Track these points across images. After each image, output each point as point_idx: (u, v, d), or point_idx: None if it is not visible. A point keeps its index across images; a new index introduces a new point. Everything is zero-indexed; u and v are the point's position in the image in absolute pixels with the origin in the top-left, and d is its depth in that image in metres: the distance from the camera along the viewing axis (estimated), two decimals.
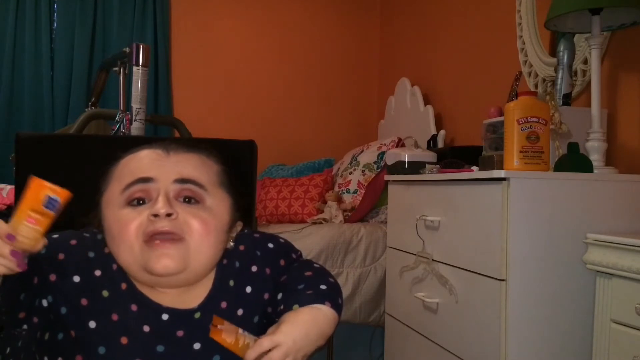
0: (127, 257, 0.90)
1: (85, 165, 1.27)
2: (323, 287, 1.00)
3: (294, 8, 3.85)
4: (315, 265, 1.09)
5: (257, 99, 3.78)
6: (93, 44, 3.47)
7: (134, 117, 2.07)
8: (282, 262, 1.06)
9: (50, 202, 0.79)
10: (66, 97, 3.39)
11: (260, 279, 1.02)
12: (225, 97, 3.73)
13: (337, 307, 1.01)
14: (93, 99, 2.77)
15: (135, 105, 2.08)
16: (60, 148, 1.35)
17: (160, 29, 3.54)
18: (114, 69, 2.32)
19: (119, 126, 2.12)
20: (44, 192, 0.79)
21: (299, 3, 3.86)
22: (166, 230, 0.89)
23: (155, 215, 0.88)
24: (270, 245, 1.07)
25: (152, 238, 0.88)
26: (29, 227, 0.79)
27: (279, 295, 1.00)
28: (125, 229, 0.89)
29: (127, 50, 2.14)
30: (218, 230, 0.94)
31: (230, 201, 0.98)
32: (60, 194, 0.80)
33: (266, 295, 1.02)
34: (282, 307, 0.97)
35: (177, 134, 2.54)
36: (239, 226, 1.02)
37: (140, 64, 2.09)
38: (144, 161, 0.95)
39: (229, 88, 3.74)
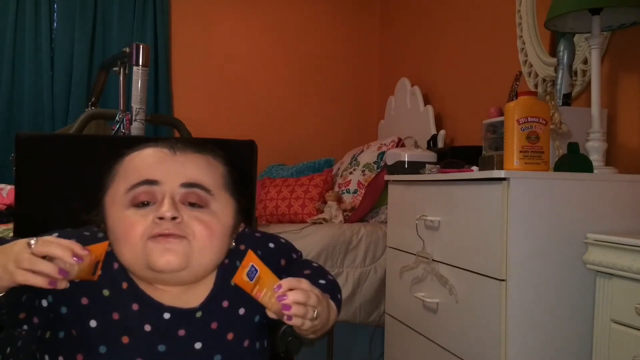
0: (130, 256, 0.90)
1: (85, 165, 1.28)
2: (322, 281, 1.01)
3: (294, 8, 3.85)
4: (313, 264, 1.10)
5: (257, 99, 3.78)
6: (93, 44, 3.47)
7: (134, 117, 2.07)
8: (282, 262, 1.07)
9: (95, 266, 0.88)
10: (66, 97, 3.40)
11: None
12: (225, 97, 3.73)
13: (337, 301, 1.02)
14: (93, 99, 2.77)
15: (135, 105, 2.08)
16: (60, 148, 1.35)
17: (160, 29, 3.54)
18: (114, 69, 2.32)
19: (119, 126, 2.12)
20: (101, 256, 0.88)
21: (299, 3, 3.86)
22: (170, 232, 0.89)
23: (161, 218, 0.88)
24: (271, 245, 1.07)
25: (155, 236, 0.89)
26: (88, 260, 0.85)
27: None
28: (131, 231, 0.89)
29: (127, 50, 2.14)
30: (222, 234, 0.94)
31: (234, 204, 0.98)
32: (99, 267, 0.89)
33: None
34: None
35: (177, 134, 2.54)
36: (240, 228, 1.02)
37: (140, 64, 2.09)
38: (150, 160, 0.95)
39: (229, 88, 3.74)
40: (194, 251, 0.90)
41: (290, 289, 0.86)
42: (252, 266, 0.86)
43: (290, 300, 0.85)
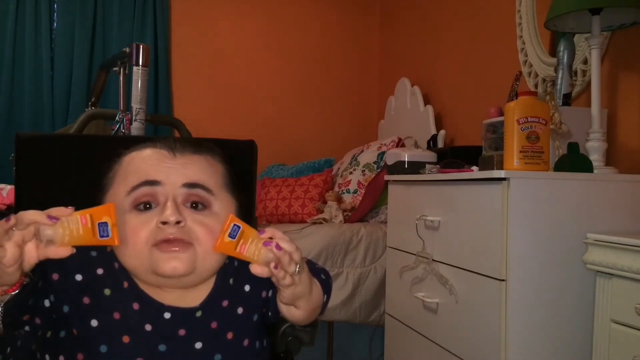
0: (133, 260, 0.90)
1: (85, 165, 1.27)
2: (314, 266, 1.03)
3: (294, 8, 3.85)
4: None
5: (257, 99, 3.78)
6: (93, 44, 3.47)
7: (134, 117, 2.07)
8: None
9: (102, 227, 0.82)
10: (66, 97, 3.39)
11: (258, 277, 1.02)
12: (225, 97, 3.73)
13: (321, 281, 1.03)
14: (93, 99, 2.76)
15: (135, 105, 2.08)
16: (60, 148, 1.35)
17: (160, 29, 3.54)
18: (114, 69, 2.32)
19: (119, 126, 2.12)
20: (106, 216, 0.82)
21: (299, 3, 3.86)
22: (174, 238, 0.89)
23: (164, 223, 0.88)
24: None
25: (160, 242, 0.89)
26: (76, 220, 0.80)
27: (270, 292, 1.01)
28: (134, 235, 0.89)
29: (127, 50, 2.14)
30: None
31: (235, 204, 0.98)
32: (113, 230, 0.83)
33: (264, 294, 1.02)
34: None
35: (177, 134, 2.54)
36: None
37: (140, 64, 2.08)
38: (149, 162, 0.94)
39: (229, 88, 3.74)
40: (198, 256, 0.90)
41: (272, 237, 0.87)
42: (234, 225, 0.85)
43: (277, 243, 0.86)
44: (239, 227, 0.85)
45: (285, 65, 3.84)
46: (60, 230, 0.79)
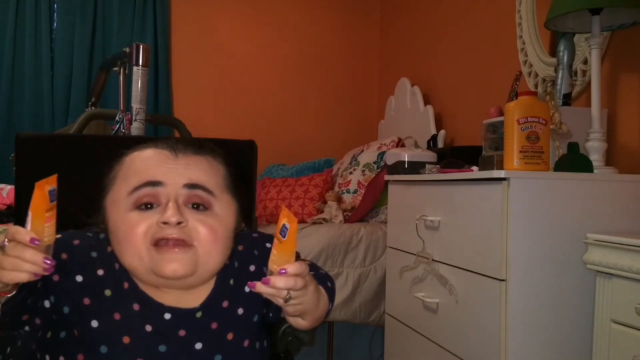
0: (133, 260, 0.90)
1: (85, 165, 1.27)
2: (312, 272, 1.02)
3: (294, 8, 3.85)
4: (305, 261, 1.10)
5: (257, 99, 3.78)
6: (93, 44, 3.47)
7: (134, 117, 2.07)
8: None
9: (52, 195, 0.80)
10: (66, 97, 3.39)
11: (258, 278, 1.02)
12: (225, 97, 3.73)
13: (327, 289, 1.02)
14: (93, 99, 2.77)
15: (135, 105, 2.08)
16: (60, 148, 1.35)
17: (160, 29, 3.54)
18: (114, 69, 2.32)
19: (119, 126, 2.12)
20: (45, 189, 0.80)
21: (299, 3, 3.86)
22: (175, 238, 0.88)
23: (165, 223, 0.88)
24: (268, 245, 1.07)
25: (160, 242, 0.88)
26: (49, 226, 0.80)
27: None
28: (133, 233, 0.89)
29: (127, 50, 2.14)
30: (225, 237, 0.94)
31: (236, 206, 0.98)
32: (53, 182, 0.81)
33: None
34: None
35: (177, 134, 2.54)
36: (241, 228, 1.02)
37: (140, 64, 2.08)
38: (151, 162, 0.94)
39: (229, 88, 3.74)
40: (199, 257, 0.90)
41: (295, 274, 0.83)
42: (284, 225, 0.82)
43: (278, 284, 0.82)
44: (287, 227, 0.82)
45: (285, 65, 3.84)
46: (45, 240, 0.79)
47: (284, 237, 0.82)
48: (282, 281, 0.81)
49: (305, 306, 0.91)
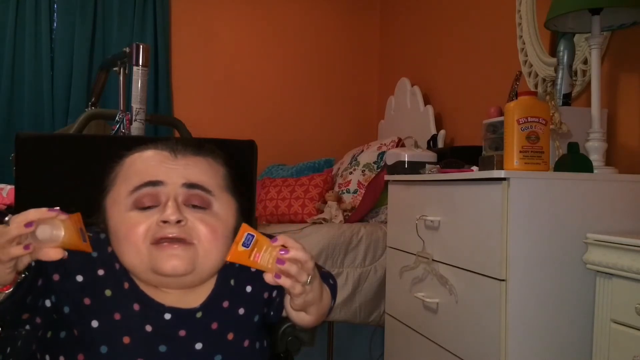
0: (133, 259, 0.90)
1: (85, 166, 1.27)
2: (321, 270, 1.03)
3: (294, 8, 3.85)
4: None
5: (257, 99, 3.78)
6: (93, 44, 3.46)
7: (134, 117, 2.07)
8: None
9: (82, 233, 0.83)
10: (66, 97, 3.39)
11: (259, 278, 1.02)
12: (225, 97, 3.73)
13: (330, 286, 1.03)
14: (93, 99, 2.76)
15: (135, 105, 2.08)
16: (60, 148, 1.35)
17: (160, 29, 3.54)
18: (114, 69, 2.32)
19: (119, 126, 2.12)
20: (81, 223, 0.83)
21: (299, 3, 3.86)
22: (175, 237, 0.89)
23: (165, 222, 0.88)
24: None
25: (160, 240, 0.89)
26: (73, 224, 0.81)
27: (274, 293, 1.01)
28: (133, 232, 0.89)
29: (127, 50, 2.14)
30: (224, 235, 0.94)
31: (235, 205, 0.99)
32: (87, 235, 0.84)
33: (265, 295, 1.02)
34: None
35: (177, 134, 2.54)
36: None
37: (140, 64, 2.08)
38: (151, 162, 0.95)
39: (229, 88, 3.74)
40: (199, 255, 0.90)
41: (286, 246, 0.86)
42: (248, 234, 0.85)
43: (291, 255, 0.84)
44: (252, 235, 0.85)
45: (285, 65, 3.84)
46: (62, 233, 0.79)
47: (247, 247, 0.85)
48: (298, 253, 0.85)
49: (311, 296, 0.91)
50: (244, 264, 0.86)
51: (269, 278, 0.86)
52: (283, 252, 0.85)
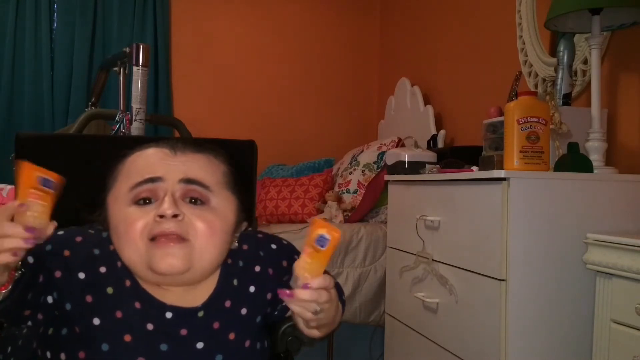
0: (132, 255, 0.90)
1: (85, 165, 1.27)
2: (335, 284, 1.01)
3: (294, 8, 3.85)
4: None
5: (257, 99, 3.78)
6: (93, 44, 3.47)
7: (134, 117, 2.07)
8: (284, 263, 1.07)
9: (44, 182, 0.79)
10: (66, 97, 3.39)
11: (263, 278, 1.02)
12: (225, 97, 3.73)
13: (342, 302, 1.03)
14: (93, 99, 2.77)
15: (135, 105, 2.08)
16: (60, 148, 1.35)
17: (160, 29, 3.54)
18: (114, 69, 2.32)
19: (119, 126, 2.12)
20: (36, 173, 0.79)
21: (299, 3, 3.86)
22: (172, 232, 0.89)
23: (162, 216, 0.88)
24: (273, 246, 1.07)
25: (157, 237, 0.89)
26: (34, 202, 0.78)
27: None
28: (131, 228, 0.90)
29: (127, 50, 2.14)
30: (223, 231, 0.94)
31: (235, 202, 0.99)
32: (51, 175, 0.80)
33: (269, 295, 1.02)
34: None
35: (177, 134, 2.54)
36: (243, 226, 1.02)
37: (140, 64, 2.09)
38: (152, 160, 0.95)
39: (229, 88, 3.74)
40: (195, 252, 0.90)
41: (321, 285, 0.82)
42: (320, 236, 0.80)
43: (303, 296, 0.81)
44: (327, 238, 0.81)
45: (285, 65, 3.84)
46: (36, 216, 0.77)
47: (322, 247, 0.80)
48: (307, 294, 0.81)
49: (326, 319, 0.90)
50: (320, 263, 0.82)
51: (282, 294, 0.82)
52: (305, 286, 0.81)
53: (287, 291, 0.81)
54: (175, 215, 0.89)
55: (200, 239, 0.91)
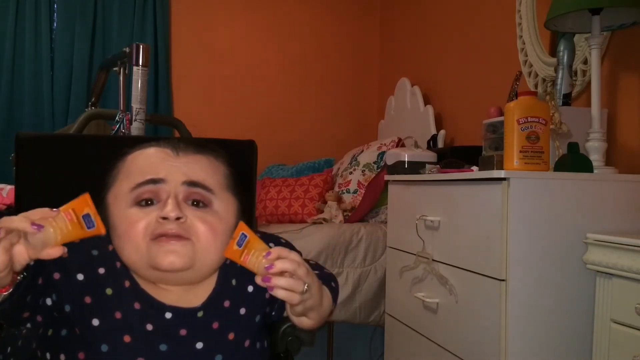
0: (132, 255, 0.90)
1: (85, 165, 1.28)
2: (316, 272, 1.03)
3: (294, 8, 3.85)
4: (311, 262, 1.10)
5: (257, 99, 3.78)
6: (93, 44, 3.47)
7: (134, 117, 2.07)
8: None
9: (86, 218, 0.80)
10: (66, 97, 3.39)
11: None
12: (225, 97, 3.73)
13: (331, 289, 1.03)
14: (93, 99, 2.76)
15: (135, 105, 2.08)
16: (60, 148, 1.35)
17: (160, 29, 3.54)
18: (114, 69, 2.32)
19: (119, 126, 2.12)
20: (86, 208, 0.80)
21: (299, 4, 3.86)
22: (174, 233, 0.89)
23: (164, 218, 0.88)
24: (272, 245, 1.07)
25: (159, 236, 0.89)
26: (63, 218, 0.78)
27: None
28: (133, 228, 0.90)
29: (127, 50, 2.14)
30: (224, 233, 0.94)
31: (236, 204, 0.99)
32: (97, 221, 0.81)
33: (267, 295, 1.02)
34: None
35: (177, 134, 2.54)
36: None
37: (140, 64, 2.08)
38: (153, 160, 0.95)
39: (229, 88, 3.74)
40: (197, 252, 0.91)
41: (280, 257, 0.86)
42: (242, 234, 0.86)
43: (278, 268, 0.85)
44: (245, 236, 0.86)
45: (285, 65, 3.84)
46: (50, 231, 0.77)
47: (240, 246, 0.86)
48: (278, 266, 0.85)
49: (310, 303, 0.91)
50: (236, 262, 0.87)
51: (258, 280, 0.87)
52: (266, 255, 0.85)
53: (262, 278, 0.86)
54: (178, 218, 0.89)
55: (202, 241, 0.91)
